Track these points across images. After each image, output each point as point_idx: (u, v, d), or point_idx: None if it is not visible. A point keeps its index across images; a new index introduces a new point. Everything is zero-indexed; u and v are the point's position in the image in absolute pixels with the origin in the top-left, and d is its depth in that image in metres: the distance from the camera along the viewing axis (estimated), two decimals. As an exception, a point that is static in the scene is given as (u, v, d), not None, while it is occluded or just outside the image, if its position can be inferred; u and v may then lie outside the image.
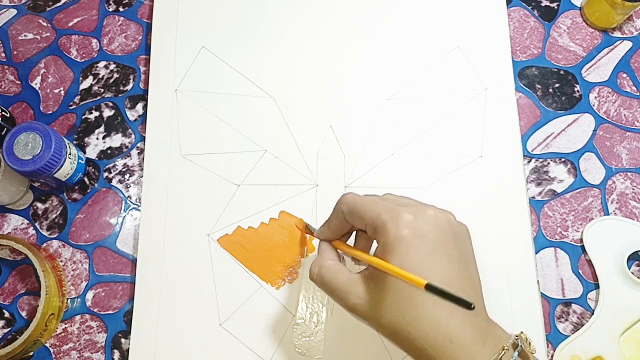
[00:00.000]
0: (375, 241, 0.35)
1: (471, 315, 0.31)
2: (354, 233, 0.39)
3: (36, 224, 0.52)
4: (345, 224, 0.37)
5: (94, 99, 0.56)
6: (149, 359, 0.47)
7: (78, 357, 0.49)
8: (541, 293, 0.49)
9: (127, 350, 0.49)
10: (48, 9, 0.59)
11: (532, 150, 0.54)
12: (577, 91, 0.55)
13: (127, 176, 0.53)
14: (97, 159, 0.54)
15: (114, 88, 0.56)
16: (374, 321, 0.33)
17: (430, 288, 0.28)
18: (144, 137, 0.53)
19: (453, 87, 0.53)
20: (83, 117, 0.55)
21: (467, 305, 0.26)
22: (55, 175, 0.49)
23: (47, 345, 0.49)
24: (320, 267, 0.36)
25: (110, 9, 0.59)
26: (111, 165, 0.54)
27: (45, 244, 0.52)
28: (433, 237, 0.32)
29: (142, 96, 0.55)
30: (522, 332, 0.34)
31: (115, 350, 0.49)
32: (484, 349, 0.30)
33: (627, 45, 0.57)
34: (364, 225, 0.34)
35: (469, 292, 0.32)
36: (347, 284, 0.34)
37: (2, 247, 0.49)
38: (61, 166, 0.48)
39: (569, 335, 0.48)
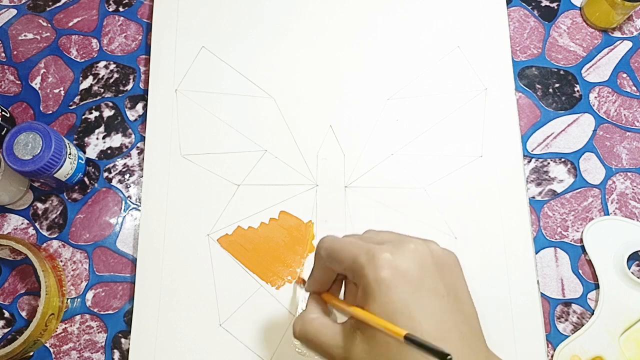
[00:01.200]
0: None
1: (470, 353, 0.29)
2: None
3: (36, 224, 0.52)
4: (329, 271, 0.34)
5: (94, 99, 0.56)
6: (149, 359, 0.47)
7: (78, 357, 0.49)
8: (541, 293, 0.49)
9: (127, 350, 0.49)
10: (48, 9, 0.59)
11: (532, 150, 0.54)
12: (577, 91, 0.55)
13: (127, 176, 0.53)
14: (97, 159, 0.54)
15: (114, 88, 0.56)
16: None
17: (408, 339, 0.26)
18: (144, 137, 0.53)
19: (453, 87, 0.53)
20: (83, 117, 0.55)
21: (443, 357, 0.24)
22: (55, 175, 0.49)
23: (47, 345, 0.49)
24: (304, 323, 0.33)
25: (110, 9, 0.59)
26: (111, 165, 0.54)
27: (45, 244, 0.52)
28: (415, 274, 0.29)
29: (142, 96, 0.55)
30: None
31: (115, 350, 0.49)
32: None
33: (627, 45, 0.57)
34: (343, 270, 0.32)
35: (461, 327, 0.29)
36: (332, 338, 0.32)
37: (2, 247, 0.49)
38: (61, 166, 0.48)
39: (569, 335, 0.48)
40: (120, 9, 0.58)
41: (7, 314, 0.51)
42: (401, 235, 0.33)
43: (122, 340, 0.49)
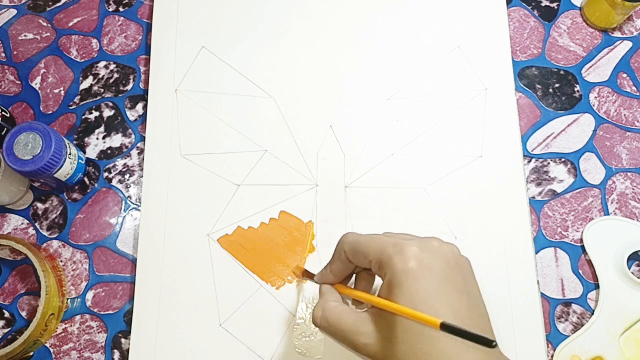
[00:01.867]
0: (379, 279, 0.33)
1: (484, 350, 0.29)
2: (354, 276, 0.38)
3: (36, 224, 0.52)
4: (348, 265, 0.36)
5: (94, 99, 0.56)
6: (149, 359, 0.47)
7: (78, 357, 0.49)
8: (541, 293, 0.49)
9: (127, 350, 0.49)
10: (48, 9, 0.59)
11: (532, 150, 0.54)
12: (577, 91, 0.55)
13: (127, 176, 0.53)
14: (97, 159, 0.54)
15: (114, 88, 0.56)
16: None
17: (445, 327, 0.27)
18: (144, 137, 0.53)
19: (453, 87, 0.53)
20: (83, 117, 0.55)
21: (488, 343, 0.25)
22: (55, 175, 0.49)
23: (47, 345, 0.49)
24: (324, 310, 0.34)
25: (110, 9, 0.59)
26: (111, 165, 0.54)
27: (45, 244, 0.52)
28: (440, 268, 0.31)
29: (142, 96, 0.55)
30: None
31: (115, 350, 0.49)
32: None
33: (627, 45, 0.57)
34: (367, 262, 0.33)
35: (480, 325, 0.31)
36: (354, 324, 0.33)
37: (2, 247, 0.49)
38: (61, 166, 0.48)
39: (569, 335, 0.48)
40: (120, 9, 0.58)
41: (7, 314, 0.51)
42: (422, 236, 0.34)
43: (122, 340, 0.49)
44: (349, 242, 0.35)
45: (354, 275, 0.38)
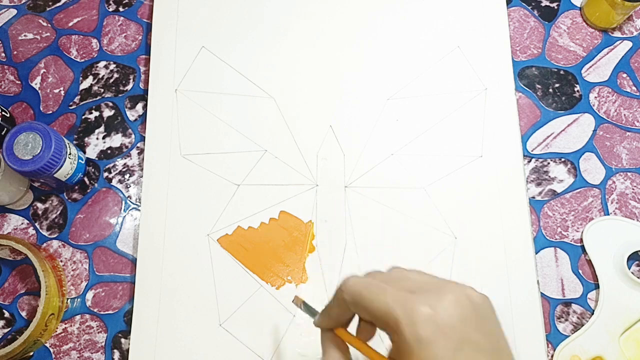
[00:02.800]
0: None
1: None
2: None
3: (36, 224, 0.52)
4: (348, 311, 0.31)
5: (94, 99, 0.56)
6: (149, 359, 0.47)
7: (78, 357, 0.49)
8: (541, 293, 0.49)
9: (127, 350, 0.49)
10: (48, 9, 0.59)
11: (532, 150, 0.54)
12: (577, 91, 0.55)
13: (127, 176, 0.53)
14: (97, 159, 0.54)
15: (114, 88, 0.56)
16: None
17: None
18: (144, 137, 0.53)
19: (453, 87, 0.53)
20: (83, 117, 0.55)
21: None
22: (55, 175, 0.49)
23: (47, 345, 0.49)
24: None
25: (110, 9, 0.59)
26: (111, 165, 0.54)
27: (45, 244, 0.52)
28: (458, 329, 0.27)
29: (142, 96, 0.55)
30: None
31: (115, 350, 0.49)
32: None
33: (627, 45, 0.57)
34: (371, 319, 0.29)
35: None
36: None
37: (2, 247, 0.49)
38: (61, 166, 0.48)
39: (569, 335, 0.48)
40: (120, 9, 0.58)
41: (7, 314, 0.51)
42: (435, 279, 0.30)
43: (122, 340, 0.49)
44: (350, 293, 0.30)
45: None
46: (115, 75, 0.56)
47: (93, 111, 0.55)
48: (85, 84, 0.56)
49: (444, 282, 0.29)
